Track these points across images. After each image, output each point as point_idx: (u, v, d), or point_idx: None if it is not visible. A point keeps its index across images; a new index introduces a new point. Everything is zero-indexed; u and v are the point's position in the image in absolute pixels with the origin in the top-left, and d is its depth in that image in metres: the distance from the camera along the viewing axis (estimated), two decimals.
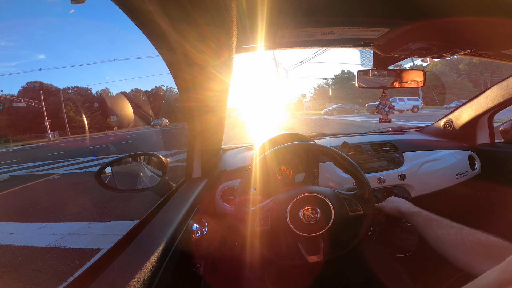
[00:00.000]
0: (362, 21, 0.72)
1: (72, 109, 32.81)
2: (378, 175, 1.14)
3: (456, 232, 0.56)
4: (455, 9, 0.62)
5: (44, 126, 25.28)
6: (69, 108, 32.54)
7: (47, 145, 16.74)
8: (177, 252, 0.56)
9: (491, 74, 26.63)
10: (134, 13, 0.39)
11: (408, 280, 0.94)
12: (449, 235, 0.56)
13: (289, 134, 1.11)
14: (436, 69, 29.88)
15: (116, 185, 0.86)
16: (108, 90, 42.76)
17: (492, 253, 0.49)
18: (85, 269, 0.43)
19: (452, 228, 0.57)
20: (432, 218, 0.63)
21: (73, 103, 33.81)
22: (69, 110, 32.23)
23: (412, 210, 0.69)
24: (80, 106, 33.87)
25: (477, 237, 0.52)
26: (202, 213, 0.83)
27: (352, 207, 0.70)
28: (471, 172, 1.26)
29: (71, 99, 34.57)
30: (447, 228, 0.58)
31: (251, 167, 0.73)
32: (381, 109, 1.23)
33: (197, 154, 0.94)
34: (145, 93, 42.32)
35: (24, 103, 25.95)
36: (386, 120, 1.23)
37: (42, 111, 25.54)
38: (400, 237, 0.97)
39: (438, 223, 0.61)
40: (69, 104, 33.13)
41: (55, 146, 14.97)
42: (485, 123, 1.33)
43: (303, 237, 0.67)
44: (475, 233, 0.53)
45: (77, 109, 33.53)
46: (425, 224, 0.63)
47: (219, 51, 0.52)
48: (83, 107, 34.56)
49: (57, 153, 9.97)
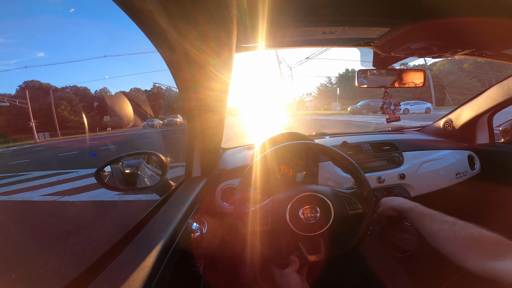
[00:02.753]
0: (362, 21, 0.72)
1: (66, 109, 31.13)
2: (377, 174, 1.14)
3: (448, 227, 0.56)
4: (455, 9, 0.62)
5: (30, 127, 23.23)
6: (63, 107, 30.82)
7: (26, 149, 14.61)
8: (177, 251, 0.56)
9: (496, 73, 26.11)
10: (133, 12, 0.39)
11: (407, 279, 0.94)
12: (442, 230, 0.56)
13: (289, 133, 1.11)
14: (444, 68, 28.89)
15: (115, 184, 0.86)
16: (107, 89, 42.12)
17: (485, 248, 0.49)
18: (85, 268, 0.43)
19: (445, 223, 0.57)
20: (425, 214, 0.62)
21: (68, 103, 32.06)
22: (62, 109, 30.52)
23: (405, 206, 0.68)
24: (76, 106, 32.78)
25: (470, 231, 0.52)
26: (202, 213, 0.83)
27: (352, 206, 0.70)
28: (470, 172, 1.27)
29: (66, 98, 32.67)
30: (440, 223, 0.58)
31: (251, 166, 0.73)
32: (386, 109, 1.20)
33: (197, 153, 0.94)
34: (145, 92, 41.72)
35: (7, 103, 24.61)
36: (395, 118, 1.19)
37: (29, 111, 23.93)
38: (399, 236, 0.98)
39: (431, 218, 0.60)
40: (63, 103, 31.32)
41: (32, 150, 13.36)
42: (484, 123, 1.34)
43: (303, 236, 0.67)
44: (468, 227, 0.53)
45: (72, 108, 31.89)
46: (419, 219, 0.63)
47: (219, 50, 0.52)
48: (78, 107, 32.87)
49: (19, 162, 8.22)
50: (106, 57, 57.21)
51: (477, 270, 0.48)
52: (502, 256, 0.45)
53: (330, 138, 1.46)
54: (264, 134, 1.14)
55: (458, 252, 0.52)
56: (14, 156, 11.37)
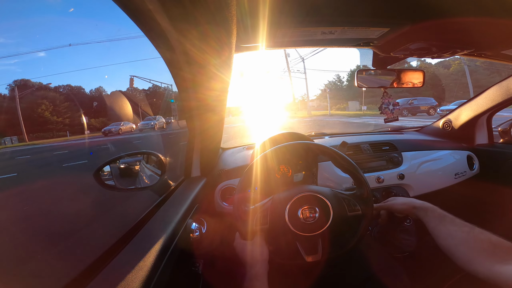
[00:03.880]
0: (362, 21, 0.72)
1: (48, 109, 27.05)
2: (376, 174, 1.15)
3: (468, 230, 0.57)
4: (455, 10, 0.63)
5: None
6: (44, 107, 26.64)
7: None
8: (176, 251, 0.56)
9: (508, 71, 25.33)
10: (133, 12, 0.39)
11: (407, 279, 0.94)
12: (461, 232, 0.57)
13: (289, 133, 1.12)
14: (469, 66, 25.43)
15: (115, 184, 0.86)
16: (102, 88, 41.01)
17: (498, 253, 0.50)
18: (84, 268, 0.43)
19: (465, 226, 0.58)
20: (446, 215, 0.64)
21: (51, 102, 27.77)
22: (43, 110, 26.48)
23: (427, 205, 0.69)
24: (59, 105, 28.28)
25: (488, 237, 0.53)
26: (201, 212, 0.83)
27: (351, 207, 0.70)
28: (469, 172, 1.27)
29: (49, 98, 28.20)
30: (460, 226, 0.59)
31: (251, 166, 0.73)
32: (385, 109, 1.20)
33: (196, 153, 0.94)
34: (143, 91, 40.74)
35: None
36: (393, 118, 1.20)
37: None
38: (398, 236, 0.98)
39: (452, 220, 0.62)
40: (45, 103, 27.03)
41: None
42: (483, 123, 1.34)
43: (301, 236, 0.67)
44: (487, 233, 0.54)
45: (55, 108, 27.72)
46: (440, 219, 0.63)
47: (219, 50, 0.52)
48: (62, 107, 28.45)
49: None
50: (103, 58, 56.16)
51: (483, 273, 0.48)
52: (511, 261, 0.46)
53: (330, 138, 1.46)
54: (264, 134, 1.14)
55: (471, 254, 0.53)
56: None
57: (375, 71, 1.10)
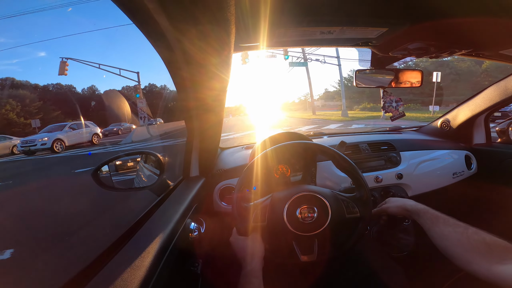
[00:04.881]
0: (360, 21, 0.72)
1: (14, 110, 24.58)
2: (375, 174, 1.15)
3: (462, 230, 0.56)
4: (453, 10, 0.63)
5: None
6: (9, 108, 24.22)
7: None
8: (175, 251, 0.56)
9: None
10: (132, 11, 0.38)
11: (405, 279, 0.95)
12: (455, 233, 0.57)
13: (288, 133, 1.12)
14: (488, 65, 24.51)
15: (113, 183, 0.86)
16: (95, 87, 39.04)
17: (495, 253, 0.49)
18: (83, 267, 0.43)
19: (459, 226, 0.58)
20: (439, 216, 0.63)
21: (19, 102, 25.39)
22: (8, 110, 24.05)
23: (419, 207, 0.69)
24: (29, 105, 25.99)
25: (483, 236, 0.53)
26: (200, 212, 0.83)
27: (350, 209, 0.70)
28: (467, 171, 1.28)
29: (18, 97, 25.99)
30: (454, 226, 0.59)
31: (250, 165, 0.73)
32: (388, 107, 1.19)
33: (195, 153, 0.94)
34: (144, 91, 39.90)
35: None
36: (399, 115, 1.20)
37: None
38: (396, 236, 0.98)
39: (445, 221, 0.61)
40: (10, 102, 24.72)
41: None
42: (481, 123, 1.35)
43: (298, 235, 0.67)
44: (481, 233, 0.54)
45: (24, 109, 25.56)
46: (432, 221, 0.63)
47: (218, 49, 0.52)
48: (33, 106, 26.49)
49: None
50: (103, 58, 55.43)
51: (482, 273, 0.48)
52: (509, 260, 0.46)
53: (328, 138, 1.46)
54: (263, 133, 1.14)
55: (467, 255, 0.53)
56: None
57: (374, 70, 1.10)
